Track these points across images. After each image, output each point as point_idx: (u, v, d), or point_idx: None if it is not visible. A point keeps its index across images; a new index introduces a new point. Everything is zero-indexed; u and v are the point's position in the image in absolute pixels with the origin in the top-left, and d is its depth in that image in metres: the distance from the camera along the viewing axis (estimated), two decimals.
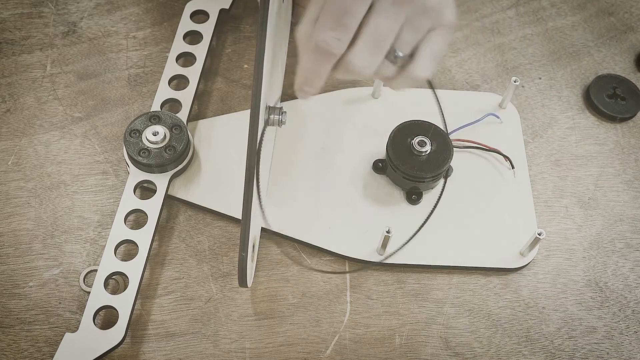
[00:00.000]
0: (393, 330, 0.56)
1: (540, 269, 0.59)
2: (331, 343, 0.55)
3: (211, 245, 0.59)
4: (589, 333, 0.56)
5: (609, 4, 0.76)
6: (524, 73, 0.70)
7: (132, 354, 0.53)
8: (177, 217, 0.60)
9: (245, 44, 0.70)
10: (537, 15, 0.75)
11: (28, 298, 0.55)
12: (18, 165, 0.61)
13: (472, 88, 0.69)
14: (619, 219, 0.62)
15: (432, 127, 0.60)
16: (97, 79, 0.67)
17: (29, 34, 0.69)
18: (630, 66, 0.71)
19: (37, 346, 0.53)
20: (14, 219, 0.59)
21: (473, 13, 0.74)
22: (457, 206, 0.60)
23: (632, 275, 0.59)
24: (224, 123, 0.64)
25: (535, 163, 0.64)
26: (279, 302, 0.56)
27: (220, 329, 0.55)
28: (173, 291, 0.56)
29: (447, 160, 0.58)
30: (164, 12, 0.72)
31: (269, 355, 0.54)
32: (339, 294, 0.57)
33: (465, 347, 0.55)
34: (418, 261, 0.58)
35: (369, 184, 0.61)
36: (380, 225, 0.56)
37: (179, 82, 0.65)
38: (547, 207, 0.62)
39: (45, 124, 0.64)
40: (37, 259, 0.57)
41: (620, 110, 0.68)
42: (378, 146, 0.62)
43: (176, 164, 0.59)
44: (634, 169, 0.65)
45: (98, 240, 0.58)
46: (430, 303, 0.57)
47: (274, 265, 0.58)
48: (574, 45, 0.73)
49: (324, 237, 0.58)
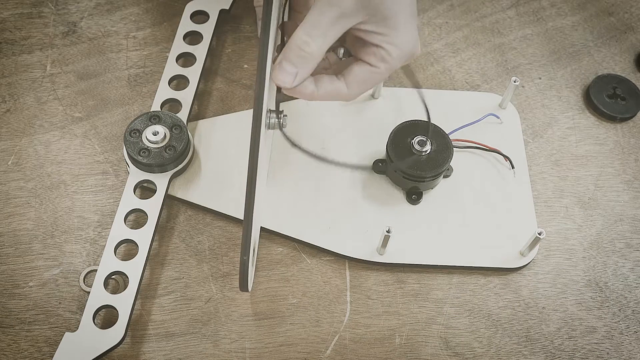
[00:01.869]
0: (393, 330, 0.56)
1: (540, 269, 0.59)
2: (331, 343, 0.55)
3: (211, 245, 0.59)
4: (589, 333, 0.56)
5: (609, 4, 0.76)
6: (524, 73, 0.70)
7: (132, 354, 0.53)
8: (177, 217, 0.60)
9: (245, 44, 0.70)
10: (537, 15, 0.75)
11: (28, 298, 0.55)
12: (18, 165, 0.61)
13: (472, 88, 0.69)
14: (619, 219, 0.62)
15: (432, 127, 0.60)
16: (97, 79, 0.67)
17: (29, 34, 0.69)
18: (630, 66, 0.71)
19: (37, 346, 0.53)
20: (14, 219, 0.59)
21: (473, 13, 0.74)
22: (457, 206, 0.60)
23: (632, 275, 0.59)
24: (224, 123, 0.64)
25: (535, 163, 0.64)
26: (279, 302, 0.56)
27: (220, 329, 0.55)
28: (173, 291, 0.56)
29: (447, 160, 0.58)
30: (164, 12, 0.72)
31: (269, 355, 0.54)
32: (339, 294, 0.57)
33: (465, 347, 0.55)
34: (418, 261, 0.58)
35: (369, 184, 0.61)
36: (380, 225, 0.56)
37: (179, 82, 0.65)
38: (547, 207, 0.62)
39: (45, 124, 0.64)
40: (37, 259, 0.57)
41: (620, 110, 0.68)
42: (378, 146, 0.62)
43: (176, 164, 0.59)
44: (634, 169, 0.65)
45: (98, 240, 0.58)
46: (430, 303, 0.57)
47: (274, 265, 0.58)
48: (574, 45, 0.73)
49: (324, 237, 0.58)
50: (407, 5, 0.49)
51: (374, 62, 0.50)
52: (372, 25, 0.48)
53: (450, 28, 0.73)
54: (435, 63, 0.70)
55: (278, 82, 0.49)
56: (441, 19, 0.74)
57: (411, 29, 0.49)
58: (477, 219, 0.60)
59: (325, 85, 0.51)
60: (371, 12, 0.47)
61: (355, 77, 0.51)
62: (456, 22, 0.73)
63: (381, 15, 0.48)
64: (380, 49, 0.49)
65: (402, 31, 0.49)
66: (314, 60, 0.48)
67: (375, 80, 0.51)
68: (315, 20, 0.47)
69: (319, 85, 0.51)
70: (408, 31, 0.49)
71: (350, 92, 0.51)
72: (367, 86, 0.51)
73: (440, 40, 0.72)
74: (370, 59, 0.50)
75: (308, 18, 0.47)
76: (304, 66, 0.48)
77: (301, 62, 0.48)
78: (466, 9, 0.75)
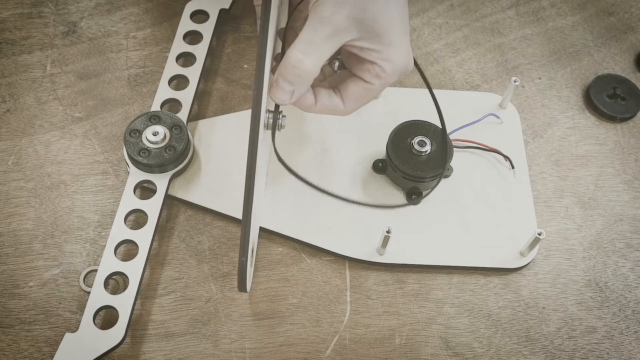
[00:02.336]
0: (393, 330, 0.56)
1: (540, 269, 0.59)
2: (331, 343, 0.55)
3: (211, 245, 0.59)
4: (589, 333, 0.56)
5: (609, 4, 0.76)
6: (524, 73, 0.70)
7: (132, 354, 0.53)
8: (177, 217, 0.60)
9: (245, 44, 0.70)
10: (537, 15, 0.75)
11: (28, 298, 0.55)
12: (18, 165, 0.61)
13: (472, 88, 0.69)
14: (619, 219, 0.62)
15: (432, 127, 0.60)
16: (97, 79, 0.67)
17: (29, 34, 0.69)
18: (630, 66, 0.71)
19: (37, 346, 0.53)
20: (14, 219, 0.59)
21: (473, 13, 0.74)
22: (457, 206, 0.60)
23: (632, 275, 0.59)
24: (224, 123, 0.64)
25: (535, 163, 0.64)
26: (279, 302, 0.56)
27: (220, 329, 0.55)
28: (173, 291, 0.56)
29: (447, 160, 0.58)
30: (164, 12, 0.72)
31: (269, 355, 0.54)
32: (339, 294, 0.57)
33: (465, 347, 0.55)
34: (418, 261, 0.58)
35: (369, 184, 0.61)
36: (380, 225, 0.56)
37: (179, 82, 0.65)
38: (547, 207, 0.62)
39: (45, 124, 0.64)
40: (37, 259, 0.57)
41: (620, 110, 0.68)
42: (378, 146, 0.62)
43: (176, 164, 0.59)
44: (634, 169, 0.65)
45: (98, 240, 0.58)
46: (430, 303, 0.57)
47: (274, 265, 0.58)
48: (574, 45, 0.73)
49: (324, 237, 0.58)
50: (400, 22, 0.49)
51: (368, 79, 0.51)
52: (365, 42, 0.49)
53: (450, 28, 0.73)
54: (435, 63, 0.70)
55: (276, 100, 0.50)
56: (441, 19, 0.74)
57: (404, 45, 0.50)
58: (477, 219, 0.60)
59: (324, 100, 0.52)
60: (364, 29, 0.48)
61: (351, 94, 0.52)
62: (456, 22, 0.73)
63: (374, 32, 0.48)
64: (375, 66, 0.50)
65: (396, 47, 0.49)
66: (309, 77, 0.49)
67: (370, 96, 0.52)
68: (309, 38, 0.47)
69: (318, 98, 0.52)
70: (401, 47, 0.50)
71: (346, 108, 0.53)
72: (363, 102, 0.53)
73: (440, 40, 0.72)
74: (364, 75, 0.51)
75: (301, 36, 0.48)
76: (300, 84, 0.49)
77: (297, 79, 0.48)
78: (466, 9, 0.75)
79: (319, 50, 0.47)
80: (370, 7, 0.47)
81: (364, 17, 0.47)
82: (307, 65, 0.47)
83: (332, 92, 0.52)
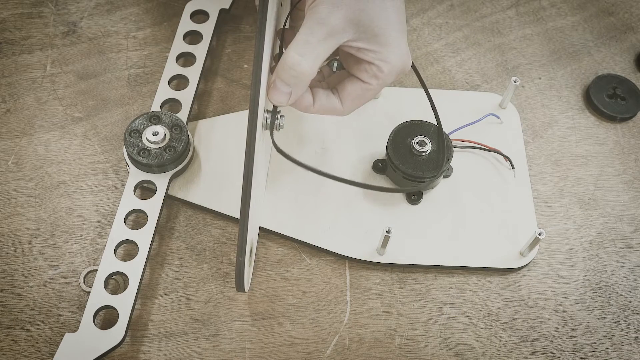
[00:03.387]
0: (393, 330, 0.56)
1: (540, 269, 0.59)
2: (331, 343, 0.55)
3: (211, 245, 0.59)
4: (589, 333, 0.56)
5: (609, 4, 0.76)
6: (524, 73, 0.70)
7: (132, 354, 0.53)
8: (177, 217, 0.60)
9: (245, 44, 0.70)
10: (537, 15, 0.75)
11: (28, 298, 0.55)
12: (18, 165, 0.61)
13: (472, 88, 0.69)
14: (619, 219, 0.62)
15: (432, 127, 0.60)
16: (97, 79, 0.67)
17: (29, 34, 0.69)
18: (630, 66, 0.71)
19: (37, 346, 0.53)
20: (14, 219, 0.59)
21: (473, 13, 0.74)
22: (457, 206, 0.60)
23: (632, 275, 0.59)
24: (224, 123, 0.64)
25: (535, 163, 0.64)
26: (279, 302, 0.56)
27: (220, 329, 0.55)
28: (173, 291, 0.56)
29: (447, 160, 0.58)
30: (164, 12, 0.72)
31: (269, 355, 0.54)
32: (339, 294, 0.57)
33: (465, 347, 0.55)
34: (418, 261, 0.58)
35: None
36: (380, 225, 0.56)
37: (179, 82, 0.65)
38: (547, 207, 0.62)
39: (45, 124, 0.64)
40: (37, 259, 0.57)
41: (620, 110, 0.68)
42: (378, 146, 0.62)
43: (176, 164, 0.59)
44: (634, 169, 0.65)
45: (98, 240, 0.58)
46: (430, 303, 0.57)
47: (274, 265, 0.58)
48: (574, 45, 0.73)
49: (324, 237, 0.58)
50: (397, 22, 0.49)
51: (366, 79, 0.51)
52: (362, 43, 0.49)
53: (450, 28, 0.73)
54: (435, 63, 0.70)
55: (274, 102, 0.50)
56: (441, 19, 0.74)
57: (401, 45, 0.50)
58: (477, 219, 0.60)
59: (322, 101, 0.52)
60: (361, 29, 0.48)
61: (349, 94, 0.52)
62: (456, 22, 0.73)
63: (371, 33, 0.48)
64: (372, 66, 0.50)
65: (393, 47, 0.49)
66: (306, 78, 0.49)
67: (368, 96, 0.52)
68: (306, 39, 0.47)
69: (316, 99, 0.52)
70: (398, 47, 0.50)
71: (345, 108, 0.53)
72: (361, 102, 0.52)
73: (440, 40, 0.72)
74: (362, 75, 0.51)
75: (298, 37, 0.47)
76: (298, 85, 0.49)
77: (294, 81, 0.48)
78: (466, 9, 0.75)
79: (315, 52, 0.47)
80: (367, 7, 0.47)
81: (361, 17, 0.47)
82: (304, 66, 0.47)
83: (330, 93, 0.52)
